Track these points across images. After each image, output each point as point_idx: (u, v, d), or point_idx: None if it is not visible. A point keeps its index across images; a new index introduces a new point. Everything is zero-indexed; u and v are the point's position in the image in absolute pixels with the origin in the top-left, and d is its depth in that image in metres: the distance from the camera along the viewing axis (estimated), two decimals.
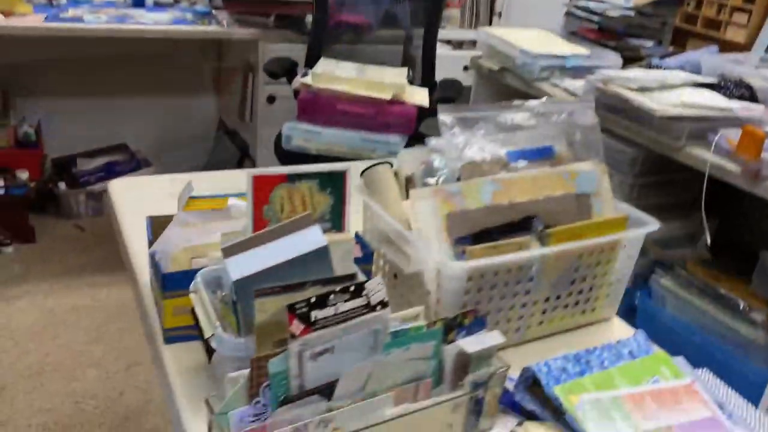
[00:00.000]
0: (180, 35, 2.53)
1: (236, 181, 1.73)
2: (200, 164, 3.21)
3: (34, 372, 1.98)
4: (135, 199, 1.42)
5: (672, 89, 1.66)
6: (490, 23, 3.44)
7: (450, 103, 2.19)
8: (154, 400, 1.92)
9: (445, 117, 1.08)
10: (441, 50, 2.61)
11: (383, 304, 0.77)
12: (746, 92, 1.72)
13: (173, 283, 0.93)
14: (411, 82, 2.11)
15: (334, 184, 0.89)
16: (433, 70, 2.42)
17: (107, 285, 2.44)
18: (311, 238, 0.79)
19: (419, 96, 2.06)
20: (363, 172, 1.10)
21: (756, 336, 1.55)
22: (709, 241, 1.30)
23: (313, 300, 0.71)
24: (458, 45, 3.30)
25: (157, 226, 1.07)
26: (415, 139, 2.17)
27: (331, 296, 0.73)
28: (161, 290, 0.94)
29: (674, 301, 1.78)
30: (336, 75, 2.02)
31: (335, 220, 0.91)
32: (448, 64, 2.74)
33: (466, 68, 2.78)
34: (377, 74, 2.03)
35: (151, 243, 1.03)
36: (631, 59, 2.19)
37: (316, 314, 0.72)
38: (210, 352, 0.80)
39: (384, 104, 2.00)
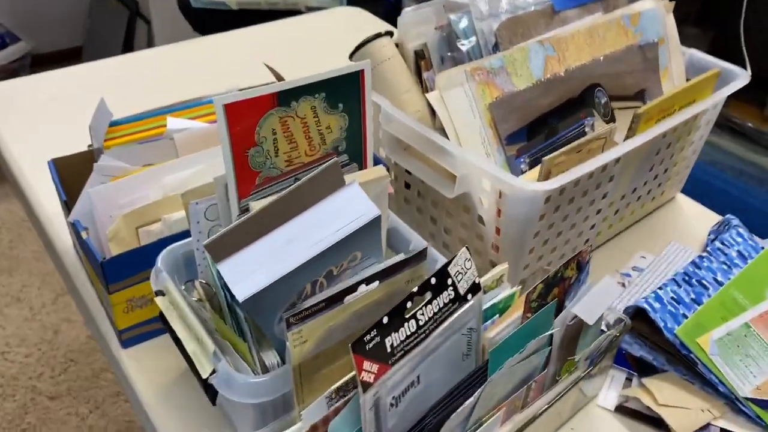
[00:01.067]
0: None
1: (154, 63, 1.33)
2: (80, 32, 2.66)
3: None
4: (17, 116, 1.03)
5: None
6: None
7: None
8: None
9: None
10: None
11: (475, 288, 0.49)
12: None
13: (119, 271, 0.62)
14: None
15: (348, 94, 0.57)
16: None
17: None
18: (350, 204, 0.49)
19: None
20: (353, 53, 0.76)
21: None
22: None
23: (385, 321, 0.43)
24: None
25: (68, 173, 0.72)
26: None
27: (408, 304, 0.45)
28: (103, 284, 0.62)
29: None
30: None
31: (353, 147, 0.60)
32: None
33: None
34: None
35: (66, 204, 0.69)
36: None
37: (392, 340, 0.44)
38: (211, 391, 0.51)
39: None
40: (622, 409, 0.66)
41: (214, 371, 0.50)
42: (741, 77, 0.82)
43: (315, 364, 0.47)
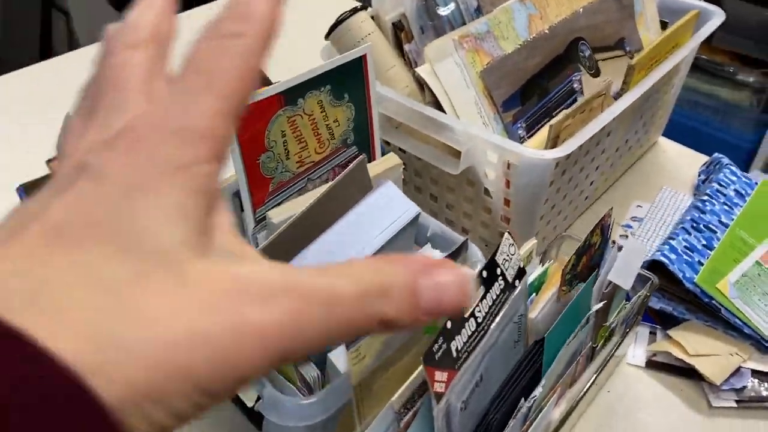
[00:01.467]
0: None
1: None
2: None
3: None
4: None
5: None
6: None
7: None
8: None
9: None
10: None
11: (521, 273, 0.48)
12: None
13: None
14: None
15: (353, 82, 0.53)
16: None
17: None
18: (388, 204, 0.45)
19: None
20: (329, 32, 0.72)
21: (740, 98, 1.41)
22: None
23: (448, 325, 0.41)
24: None
25: None
26: None
27: None
28: None
29: None
30: None
31: (360, 137, 0.56)
32: None
33: None
34: None
35: None
36: None
37: (456, 344, 0.41)
38: (254, 417, 0.48)
39: None
40: (651, 364, 0.66)
41: (259, 398, 0.47)
42: (717, 15, 0.81)
43: (373, 378, 0.44)
